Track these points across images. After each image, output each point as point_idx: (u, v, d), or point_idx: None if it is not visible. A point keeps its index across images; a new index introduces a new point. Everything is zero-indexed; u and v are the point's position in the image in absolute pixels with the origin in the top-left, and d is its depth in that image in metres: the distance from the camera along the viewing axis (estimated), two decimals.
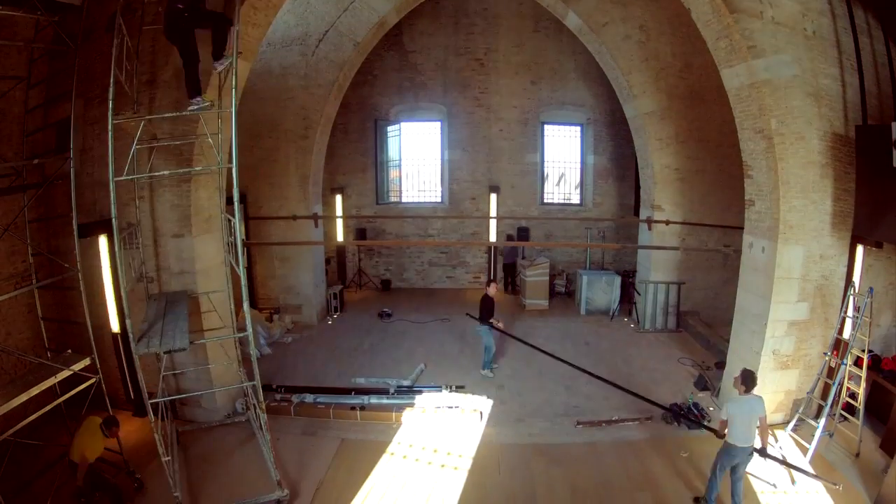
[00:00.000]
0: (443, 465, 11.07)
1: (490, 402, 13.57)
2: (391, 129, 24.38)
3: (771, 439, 11.24)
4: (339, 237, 23.83)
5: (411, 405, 13.13)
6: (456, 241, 24.37)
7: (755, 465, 10.03)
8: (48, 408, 8.63)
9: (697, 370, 15.22)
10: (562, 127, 24.58)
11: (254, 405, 11.88)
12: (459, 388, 13.95)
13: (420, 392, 13.83)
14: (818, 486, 10.19)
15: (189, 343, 9.15)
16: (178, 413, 12.00)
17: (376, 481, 10.57)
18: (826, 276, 11.71)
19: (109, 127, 8.70)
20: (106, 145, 9.35)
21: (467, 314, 16.41)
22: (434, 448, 11.65)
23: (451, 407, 12.95)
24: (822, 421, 11.03)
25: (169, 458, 9.18)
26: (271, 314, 19.23)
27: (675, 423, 12.47)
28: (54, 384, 8.95)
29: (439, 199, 24.89)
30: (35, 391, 8.35)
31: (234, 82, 9.06)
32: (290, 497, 9.91)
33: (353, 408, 12.91)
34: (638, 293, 19.64)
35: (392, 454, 11.49)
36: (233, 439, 11.29)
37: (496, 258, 24.43)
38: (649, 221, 19.13)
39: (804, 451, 11.24)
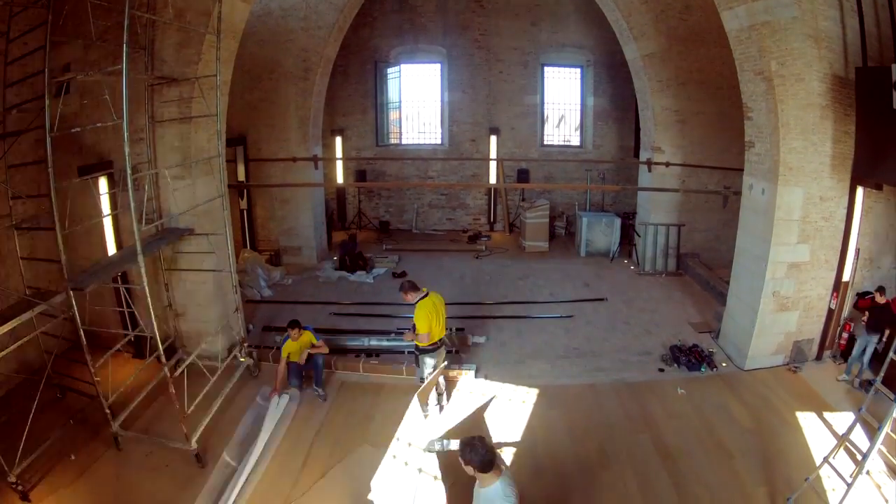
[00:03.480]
0: (442, 407, 11.23)
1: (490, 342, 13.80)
2: (391, 71, 24.22)
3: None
4: (339, 179, 23.88)
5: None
6: (456, 182, 24.41)
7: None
8: (22, 341, 8.67)
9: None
10: (562, 69, 24.47)
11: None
12: (459, 331, 14.03)
13: None
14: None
15: None
16: (179, 356, 12.12)
17: (375, 424, 10.72)
18: (826, 217, 11.71)
19: (124, 81, 8.65)
20: (107, 87, 9.38)
21: None
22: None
23: (450, 351, 13.08)
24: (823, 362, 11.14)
25: (175, 392, 9.27)
26: (272, 256, 19.34)
27: (675, 365, 12.62)
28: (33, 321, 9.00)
29: (439, 141, 24.85)
30: (10, 325, 8.41)
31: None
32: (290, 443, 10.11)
33: (356, 355, 13.03)
34: (638, 235, 19.70)
35: (391, 396, 11.63)
36: (232, 382, 11.40)
37: (496, 201, 24.46)
38: (649, 163, 19.14)
39: (806, 392, 11.42)
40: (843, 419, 10.48)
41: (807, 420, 10.57)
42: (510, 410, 11.08)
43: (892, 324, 11.19)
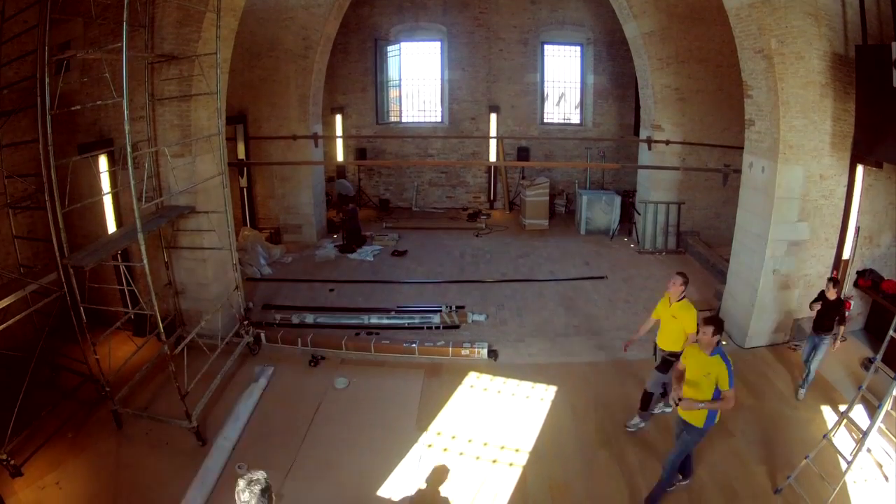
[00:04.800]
0: (444, 384, 11.28)
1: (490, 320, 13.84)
2: (391, 49, 24.09)
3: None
4: (340, 157, 23.88)
5: (412, 325, 13.39)
6: (456, 160, 24.37)
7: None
8: (13, 319, 8.71)
9: None
10: (562, 47, 24.35)
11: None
12: (459, 308, 14.08)
13: (421, 312, 13.99)
14: None
15: None
16: (178, 334, 12.14)
17: (375, 399, 10.80)
18: (826, 195, 11.73)
19: (124, 59, 8.62)
20: (107, 65, 9.35)
21: None
22: (434, 364, 11.89)
23: (448, 327, 13.17)
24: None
25: (175, 369, 9.29)
26: (271, 234, 19.35)
27: None
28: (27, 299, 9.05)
29: (439, 119, 24.79)
30: (3, 304, 8.45)
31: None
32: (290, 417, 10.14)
33: (357, 333, 13.07)
34: (638, 213, 19.69)
35: (389, 370, 11.76)
36: (233, 360, 11.41)
37: (496, 179, 24.46)
38: (649, 141, 19.09)
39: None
40: (843, 397, 10.57)
41: (807, 398, 10.63)
42: (517, 398, 11.02)
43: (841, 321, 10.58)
